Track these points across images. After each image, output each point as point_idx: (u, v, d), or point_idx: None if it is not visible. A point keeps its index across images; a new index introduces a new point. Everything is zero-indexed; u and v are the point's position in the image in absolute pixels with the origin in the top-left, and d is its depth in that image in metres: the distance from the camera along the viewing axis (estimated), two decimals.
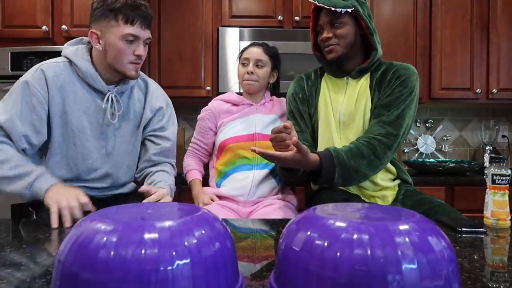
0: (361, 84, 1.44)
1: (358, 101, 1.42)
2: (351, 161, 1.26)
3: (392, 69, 1.42)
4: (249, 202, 1.56)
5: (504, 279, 0.69)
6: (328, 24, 1.41)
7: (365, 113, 1.40)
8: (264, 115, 1.66)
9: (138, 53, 1.27)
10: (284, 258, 0.53)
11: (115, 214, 0.54)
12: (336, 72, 1.48)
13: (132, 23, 1.24)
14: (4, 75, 2.15)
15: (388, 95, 1.37)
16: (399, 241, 0.47)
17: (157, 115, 1.46)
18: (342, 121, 1.43)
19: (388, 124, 1.33)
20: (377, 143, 1.30)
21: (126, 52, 1.25)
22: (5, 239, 0.93)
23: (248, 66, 1.63)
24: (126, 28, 1.23)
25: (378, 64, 1.45)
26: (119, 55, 1.26)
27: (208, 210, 0.59)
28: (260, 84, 1.65)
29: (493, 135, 2.83)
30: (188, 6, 2.49)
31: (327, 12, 1.39)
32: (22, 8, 2.24)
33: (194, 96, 2.50)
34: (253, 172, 1.58)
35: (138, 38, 1.26)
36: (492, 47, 2.53)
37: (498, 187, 1.06)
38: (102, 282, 0.45)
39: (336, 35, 1.39)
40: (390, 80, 1.39)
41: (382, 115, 1.35)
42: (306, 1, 2.49)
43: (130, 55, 1.26)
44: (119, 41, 1.24)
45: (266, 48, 1.66)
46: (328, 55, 1.43)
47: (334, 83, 1.49)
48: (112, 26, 1.24)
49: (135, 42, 1.26)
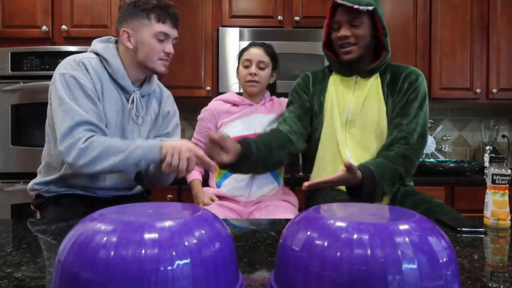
0: (370, 83, 1.45)
1: (367, 100, 1.43)
2: (387, 178, 1.26)
3: (401, 73, 1.43)
4: (250, 202, 1.56)
5: (504, 279, 0.69)
6: (347, 23, 1.39)
7: (380, 115, 1.41)
8: (264, 115, 1.66)
9: (168, 50, 1.33)
10: (284, 258, 0.54)
11: (115, 214, 0.54)
12: (345, 71, 1.49)
13: (163, 22, 1.30)
14: (4, 75, 2.15)
15: (404, 103, 1.39)
16: (399, 241, 0.47)
17: (165, 120, 1.48)
18: (349, 120, 1.43)
19: (410, 133, 1.35)
20: (408, 153, 1.33)
21: (157, 49, 1.31)
22: (5, 239, 0.93)
23: (251, 67, 1.62)
24: (158, 27, 1.30)
25: (386, 64, 1.46)
26: (151, 52, 1.31)
27: (208, 210, 0.59)
28: (262, 85, 1.65)
29: (493, 135, 2.83)
30: (188, 6, 2.49)
31: (346, 10, 1.38)
32: (22, 8, 2.24)
33: (194, 96, 2.49)
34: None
35: (168, 36, 1.33)
36: (492, 47, 2.53)
37: (498, 187, 1.06)
38: (102, 282, 0.45)
39: (355, 35, 1.39)
40: (402, 86, 1.41)
41: (402, 125, 1.37)
42: (306, 1, 2.49)
43: (160, 52, 1.32)
44: (151, 39, 1.30)
45: (266, 49, 1.66)
46: (345, 55, 1.41)
47: (342, 82, 1.49)
48: (145, 24, 1.29)
49: (165, 41, 1.32)
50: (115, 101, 1.32)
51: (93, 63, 1.29)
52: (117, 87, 1.33)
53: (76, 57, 1.28)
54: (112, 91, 1.32)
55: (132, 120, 1.35)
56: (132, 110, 1.35)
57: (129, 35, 1.31)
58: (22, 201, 2.07)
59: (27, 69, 2.14)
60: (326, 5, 2.50)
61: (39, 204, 1.35)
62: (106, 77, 1.31)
